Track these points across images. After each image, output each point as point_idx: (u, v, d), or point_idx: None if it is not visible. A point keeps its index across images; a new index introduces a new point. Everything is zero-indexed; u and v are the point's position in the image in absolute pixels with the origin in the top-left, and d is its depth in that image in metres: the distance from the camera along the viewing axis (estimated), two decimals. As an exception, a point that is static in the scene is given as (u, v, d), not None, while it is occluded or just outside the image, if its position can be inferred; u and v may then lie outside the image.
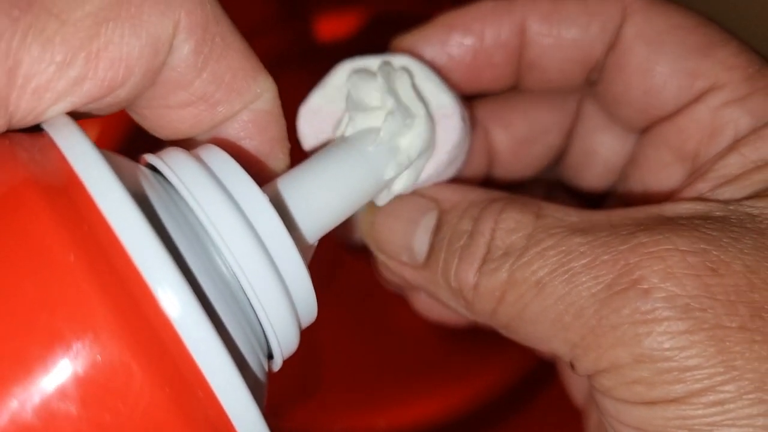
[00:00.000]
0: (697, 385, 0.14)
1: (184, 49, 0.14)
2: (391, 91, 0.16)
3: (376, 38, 0.50)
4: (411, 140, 0.16)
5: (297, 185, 0.15)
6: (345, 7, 0.48)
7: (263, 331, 0.14)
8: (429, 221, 0.17)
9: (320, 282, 0.33)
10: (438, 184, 0.18)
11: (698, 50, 0.17)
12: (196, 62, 0.15)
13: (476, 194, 0.17)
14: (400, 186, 0.17)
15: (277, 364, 0.15)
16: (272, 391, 0.39)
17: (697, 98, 0.17)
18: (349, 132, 0.17)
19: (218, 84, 0.15)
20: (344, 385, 0.39)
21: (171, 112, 0.15)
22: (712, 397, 0.14)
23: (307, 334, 0.40)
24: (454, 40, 0.18)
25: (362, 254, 0.42)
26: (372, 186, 0.16)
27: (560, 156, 0.21)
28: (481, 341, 0.40)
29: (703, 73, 0.17)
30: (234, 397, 0.13)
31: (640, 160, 0.19)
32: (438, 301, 0.18)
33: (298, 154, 0.18)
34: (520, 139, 0.20)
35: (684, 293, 0.14)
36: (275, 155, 0.16)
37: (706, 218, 0.15)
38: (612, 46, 0.18)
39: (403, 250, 0.18)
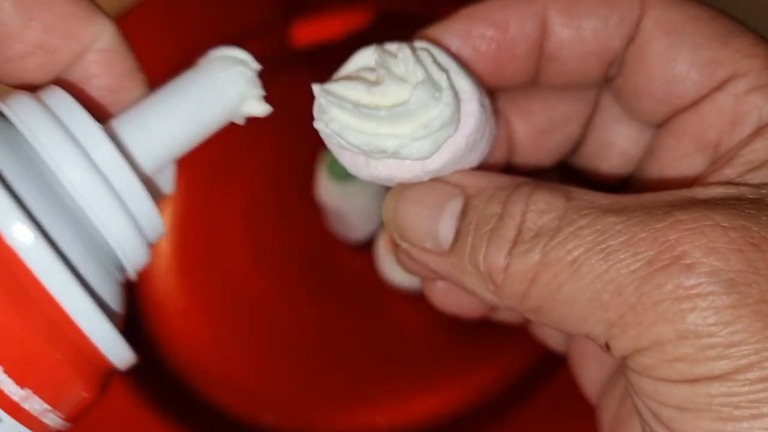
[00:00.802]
0: (743, 361, 0.14)
1: (5, 5, 0.15)
2: (419, 63, 0.16)
3: (377, 38, 0.50)
4: (439, 111, 0.16)
5: (137, 114, 0.17)
6: (346, 7, 0.48)
7: (114, 250, 0.16)
8: (455, 207, 0.17)
9: (322, 280, 0.33)
10: (461, 171, 0.18)
11: (718, 40, 0.17)
12: (20, 14, 0.16)
13: (502, 180, 0.17)
14: (418, 150, 0.16)
15: (132, 274, 0.17)
16: (273, 387, 0.39)
17: (719, 86, 0.17)
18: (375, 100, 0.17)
19: (51, 32, 0.16)
20: (345, 381, 0.39)
21: (14, 64, 0.16)
22: (758, 374, 0.14)
23: (309, 332, 0.40)
24: (477, 32, 0.18)
25: (363, 252, 0.42)
26: (219, 111, 0.19)
27: (576, 147, 0.21)
28: (480, 338, 0.40)
29: (724, 62, 0.17)
30: (66, 291, 0.15)
31: (659, 151, 0.19)
32: (462, 289, 0.17)
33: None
34: (540, 129, 0.20)
35: (728, 268, 0.14)
36: (127, 88, 0.18)
37: (740, 199, 0.15)
38: (631, 39, 0.18)
39: (427, 236, 0.17)
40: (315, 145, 0.42)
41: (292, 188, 0.44)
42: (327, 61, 0.52)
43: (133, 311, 0.41)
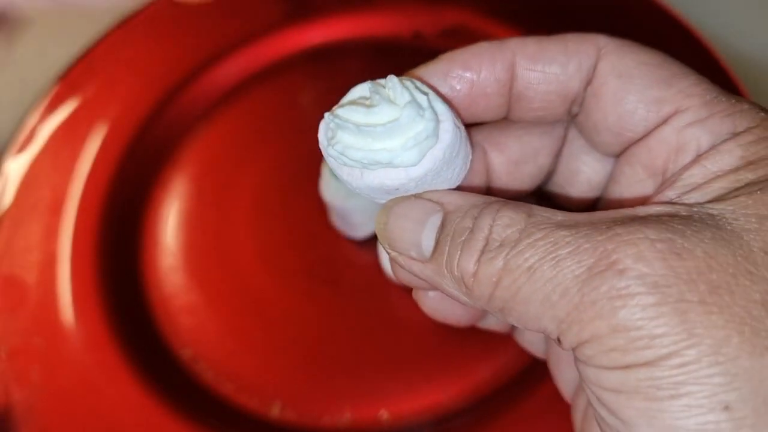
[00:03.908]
0: (664, 350, 0.16)
1: None
2: (405, 88, 0.19)
3: (378, 38, 0.51)
4: (424, 125, 0.19)
5: None
6: (347, 7, 0.49)
7: None
8: (435, 221, 0.20)
9: (326, 277, 0.34)
10: (443, 191, 0.20)
11: (663, 81, 0.20)
12: None
13: (476, 198, 0.20)
14: (407, 159, 0.19)
15: None
16: (279, 381, 0.39)
17: (664, 121, 0.20)
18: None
19: None
20: (349, 376, 0.39)
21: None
22: (677, 360, 0.16)
23: (313, 327, 0.40)
24: (455, 73, 0.21)
25: (366, 249, 0.42)
26: None
27: (549, 175, 0.24)
28: (481, 334, 0.40)
29: (668, 100, 0.20)
30: None
31: (618, 177, 0.22)
32: (442, 292, 0.20)
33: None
34: (514, 159, 0.23)
35: (653, 272, 0.16)
36: None
37: (672, 216, 0.18)
38: (589, 81, 0.21)
39: (412, 246, 0.20)
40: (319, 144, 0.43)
41: (296, 186, 0.45)
42: (330, 63, 0.53)
43: (141, 307, 0.41)
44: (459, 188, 0.21)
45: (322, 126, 0.20)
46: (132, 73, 0.48)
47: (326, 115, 0.20)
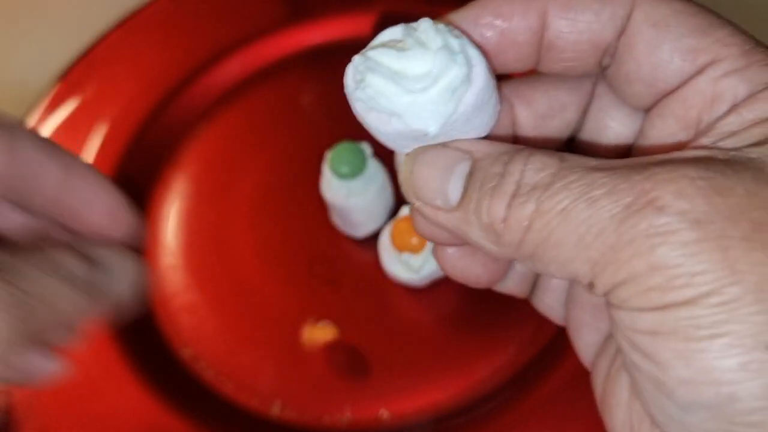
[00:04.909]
0: (705, 288, 0.15)
1: None
2: (438, 32, 0.19)
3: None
4: (457, 71, 0.18)
5: None
6: (349, 9, 0.49)
7: None
8: (463, 169, 0.19)
9: (327, 276, 0.34)
10: (471, 140, 0.20)
11: (699, 30, 0.19)
12: None
13: (505, 146, 0.19)
14: (444, 112, 0.19)
15: None
16: (279, 380, 0.39)
17: (699, 71, 0.19)
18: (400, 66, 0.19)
19: None
20: (349, 374, 0.39)
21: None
22: (717, 299, 0.15)
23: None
24: (486, 20, 0.20)
25: (366, 248, 0.42)
26: None
27: (577, 131, 0.23)
28: (481, 332, 0.40)
29: (704, 50, 0.19)
30: None
31: (648, 132, 0.21)
32: (468, 242, 0.19)
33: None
34: (541, 114, 0.22)
35: (694, 209, 0.16)
36: None
37: (710, 159, 0.17)
38: (623, 30, 0.20)
39: (438, 195, 0.19)
40: (320, 144, 0.43)
41: (297, 186, 0.45)
42: (330, 63, 0.53)
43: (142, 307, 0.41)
44: (487, 138, 0.21)
45: (350, 69, 0.19)
46: (132, 73, 0.48)
47: (355, 57, 0.19)
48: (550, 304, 0.25)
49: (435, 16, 0.20)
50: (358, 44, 0.20)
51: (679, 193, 0.16)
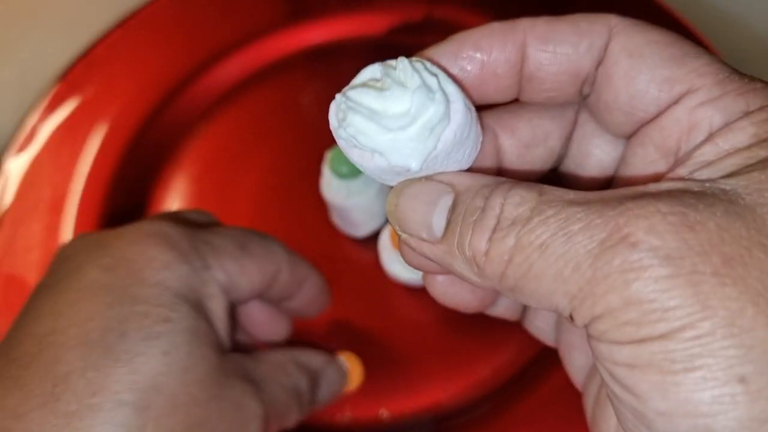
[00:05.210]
0: (678, 323, 0.16)
1: None
2: (415, 71, 0.19)
3: (379, 38, 0.51)
4: (435, 109, 0.19)
5: None
6: (347, 7, 0.49)
7: None
8: (446, 202, 0.20)
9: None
10: (454, 172, 0.20)
11: (674, 60, 0.19)
12: None
13: (487, 179, 0.20)
14: (424, 149, 0.19)
15: None
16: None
17: (676, 101, 0.19)
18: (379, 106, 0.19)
19: None
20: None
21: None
22: (691, 333, 0.16)
23: (313, 325, 0.40)
24: (466, 54, 0.21)
25: (366, 248, 0.42)
26: None
27: (560, 158, 0.24)
28: (482, 331, 0.41)
29: (679, 80, 0.19)
30: None
31: (630, 159, 0.21)
32: (453, 273, 0.20)
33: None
34: (525, 142, 0.23)
35: (665, 245, 0.16)
36: None
37: (684, 191, 0.18)
38: (600, 61, 0.20)
39: (423, 227, 0.20)
40: (320, 143, 0.43)
41: (297, 185, 0.45)
42: (330, 63, 0.53)
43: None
44: (470, 170, 0.21)
45: (333, 107, 0.20)
46: (132, 73, 0.48)
47: (337, 96, 0.20)
48: (541, 327, 0.26)
49: (433, 14, 0.20)
50: (358, 44, 0.20)
51: (651, 229, 0.16)
